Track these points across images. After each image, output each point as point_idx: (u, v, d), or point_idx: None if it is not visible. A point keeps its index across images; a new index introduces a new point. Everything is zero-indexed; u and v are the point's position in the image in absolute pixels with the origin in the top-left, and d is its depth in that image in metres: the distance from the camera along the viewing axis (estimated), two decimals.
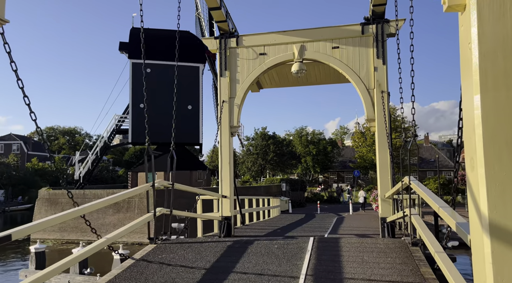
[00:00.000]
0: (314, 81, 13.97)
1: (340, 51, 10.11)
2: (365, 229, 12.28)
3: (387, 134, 9.52)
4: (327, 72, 13.01)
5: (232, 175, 10.57)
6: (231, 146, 10.56)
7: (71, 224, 25.05)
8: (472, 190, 2.51)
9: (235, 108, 10.52)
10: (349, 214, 23.79)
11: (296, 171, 64.65)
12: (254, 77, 10.53)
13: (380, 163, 9.65)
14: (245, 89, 10.53)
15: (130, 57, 33.11)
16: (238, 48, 10.63)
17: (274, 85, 14.48)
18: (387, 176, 9.59)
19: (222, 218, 10.15)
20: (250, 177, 55.64)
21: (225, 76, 10.59)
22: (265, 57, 10.49)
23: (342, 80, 13.70)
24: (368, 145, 48.45)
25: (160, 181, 6.95)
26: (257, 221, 16.69)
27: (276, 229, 12.57)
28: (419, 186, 5.38)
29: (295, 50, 10.25)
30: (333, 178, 70.05)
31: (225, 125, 10.48)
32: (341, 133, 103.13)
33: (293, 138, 65.23)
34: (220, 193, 10.32)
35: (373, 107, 9.81)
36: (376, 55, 9.81)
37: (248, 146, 57.45)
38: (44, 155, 78.02)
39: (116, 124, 33.93)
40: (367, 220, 17.38)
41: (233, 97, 10.57)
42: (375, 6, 9.52)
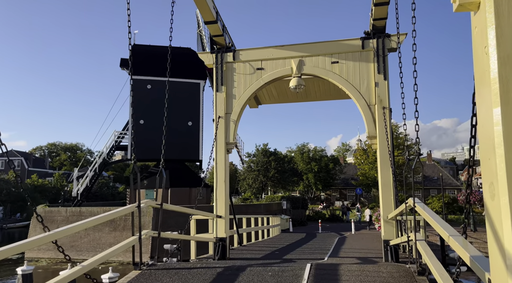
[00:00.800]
0: (314, 97, 13.64)
1: (340, 66, 9.80)
2: (368, 251, 11.73)
3: (390, 152, 9.10)
4: (327, 88, 12.70)
5: (228, 194, 10.13)
6: (227, 163, 10.15)
7: (66, 242, 24.43)
8: (493, 222, 2.08)
9: (232, 124, 10.16)
10: (351, 234, 23.13)
11: (297, 188, 63.91)
12: (251, 92, 10.20)
13: (383, 182, 9.20)
14: (241, 105, 10.19)
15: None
16: (235, 62, 10.34)
17: (273, 101, 14.16)
18: (389, 196, 9.13)
19: (216, 240, 9.65)
20: (251, 194, 54.95)
21: (221, 91, 10.27)
22: (262, 72, 10.18)
23: (342, 96, 13.36)
24: (370, 162, 47.86)
25: (147, 201, 6.52)
26: (255, 241, 16.12)
27: (274, 251, 12.02)
28: (425, 209, 4.93)
29: (293, 65, 9.94)
30: (335, 195, 69.21)
31: (221, 141, 10.10)
32: (343, 150, 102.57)
33: (295, 155, 64.74)
34: (215, 213, 9.86)
35: (374, 124, 9.43)
36: (377, 70, 9.49)
37: (249, 163, 56.96)
38: (45, 171, 77.70)
39: (116, 140, 33.62)
40: (370, 240, 16.78)
41: (229, 113, 10.22)
42: (376, 21, 9.25)
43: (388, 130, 9.19)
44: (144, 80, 33.11)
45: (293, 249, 12.65)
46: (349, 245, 14.47)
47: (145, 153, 33.14)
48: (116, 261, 21.51)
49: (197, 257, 10.00)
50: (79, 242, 24.23)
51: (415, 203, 5.21)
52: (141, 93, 32.88)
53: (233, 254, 10.82)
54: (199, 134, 34.17)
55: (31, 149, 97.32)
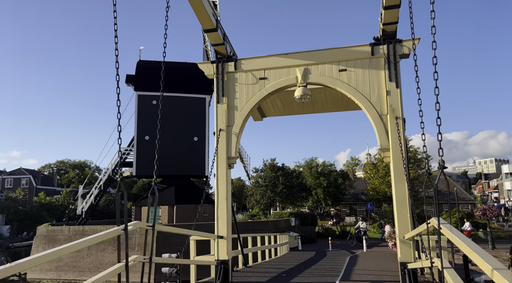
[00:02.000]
0: (321, 108, 13.01)
1: (348, 74, 9.19)
2: (382, 273, 10.86)
3: (404, 165, 8.38)
4: (334, 98, 12.07)
5: (230, 212, 9.44)
6: (228, 179, 9.49)
7: (68, 263, 23.79)
8: None
9: (233, 138, 9.54)
10: (363, 252, 22.09)
11: (306, 203, 62.75)
12: (254, 103, 9.61)
13: (397, 198, 8.45)
14: (244, 117, 9.59)
15: (136, 90, 32.86)
16: (237, 72, 9.80)
17: (278, 113, 13.55)
18: (405, 213, 8.36)
19: (217, 263, 8.92)
20: (259, 210, 53.94)
21: (222, 102, 9.70)
22: (265, 82, 9.61)
23: (351, 107, 12.74)
24: (380, 177, 46.71)
25: (136, 222, 5.87)
26: (262, 261, 15.29)
27: (282, 273, 11.22)
28: (453, 231, 4.20)
29: (298, 74, 9.36)
30: (345, 211, 67.78)
31: (222, 156, 9.48)
32: (352, 164, 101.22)
33: (303, 170, 63.75)
34: (216, 233, 9.15)
35: (386, 135, 8.74)
36: (389, 77, 8.85)
37: (256, 178, 56.15)
38: (53, 188, 77.62)
39: (121, 157, 33.20)
40: (383, 260, 15.82)
41: (231, 125, 9.62)
42: (386, 25, 8.66)
43: (402, 142, 8.49)
44: (149, 96, 32.85)
45: (301, 271, 11.82)
46: (362, 265, 13.57)
47: (150, 169, 32.63)
48: None
49: (197, 281, 9.25)
50: (81, 262, 23.54)
51: (440, 224, 4.48)
52: (146, 109, 32.59)
53: (237, 277, 10.06)
54: (205, 149, 33.63)
55: (40, 167, 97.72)
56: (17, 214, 55.50)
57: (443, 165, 4.51)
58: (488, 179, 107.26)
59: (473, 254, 3.10)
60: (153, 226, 6.17)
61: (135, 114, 32.67)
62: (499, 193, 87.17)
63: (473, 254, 3.10)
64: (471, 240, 3.83)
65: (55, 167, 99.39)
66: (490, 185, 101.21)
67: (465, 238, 3.72)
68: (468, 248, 3.26)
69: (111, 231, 5.39)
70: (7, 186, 71.86)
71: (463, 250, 3.42)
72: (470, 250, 3.15)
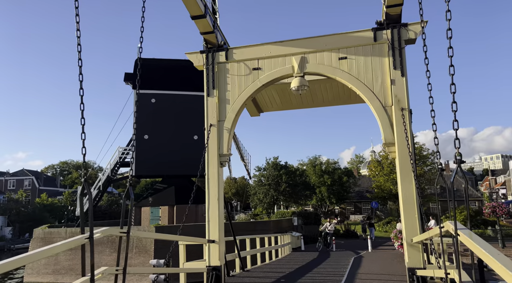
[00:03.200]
0: (321, 102, 12.26)
1: (349, 62, 8.43)
2: (388, 278, 10.10)
3: (411, 161, 7.62)
4: (335, 91, 11.32)
5: (222, 214, 8.72)
6: (220, 178, 8.77)
7: (65, 266, 23.21)
8: None
9: (225, 134, 8.82)
10: (368, 252, 21.32)
11: (310, 202, 61.96)
12: (247, 96, 8.88)
13: (404, 197, 7.70)
14: (236, 111, 8.87)
15: (135, 88, 32.22)
16: (228, 63, 9.07)
17: (275, 108, 12.82)
18: (413, 214, 7.60)
19: (208, 269, 8.21)
20: (263, 209, 53.21)
21: (212, 95, 8.97)
22: (259, 72, 8.87)
23: (353, 100, 11.99)
24: (385, 174, 45.89)
25: (105, 229, 5.16)
26: (261, 264, 14.57)
27: (280, 278, 10.49)
28: (474, 239, 3.45)
29: (295, 63, 8.62)
30: (349, 209, 66.94)
31: (213, 153, 8.76)
32: (356, 162, 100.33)
33: (307, 168, 62.96)
34: (207, 237, 8.44)
35: (391, 128, 7.98)
36: (393, 65, 8.09)
37: (259, 177, 55.42)
38: (55, 189, 77.34)
39: (120, 157, 32.61)
40: (389, 261, 15.05)
41: (222, 120, 8.89)
42: (390, 8, 7.90)
43: (409, 135, 7.73)
44: (148, 94, 32.15)
45: (302, 275, 11.09)
46: (366, 268, 12.81)
47: (150, 169, 31.97)
48: None
49: None
50: (79, 265, 22.88)
51: (457, 229, 3.73)
52: (145, 107, 31.92)
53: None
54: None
55: (43, 168, 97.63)
56: (19, 215, 55.15)
57: (460, 159, 3.76)
58: (495, 175, 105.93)
59: (498, 266, 2.37)
60: (128, 232, 5.46)
61: (134, 113, 32.04)
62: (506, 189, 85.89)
63: (498, 266, 2.37)
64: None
65: (58, 168, 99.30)
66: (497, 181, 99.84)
67: (491, 248, 2.98)
68: (499, 264, 2.52)
69: (72, 240, 4.69)
70: (10, 187, 71.66)
71: (491, 264, 2.68)
72: (495, 261, 2.43)
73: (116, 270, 5.25)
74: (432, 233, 5.42)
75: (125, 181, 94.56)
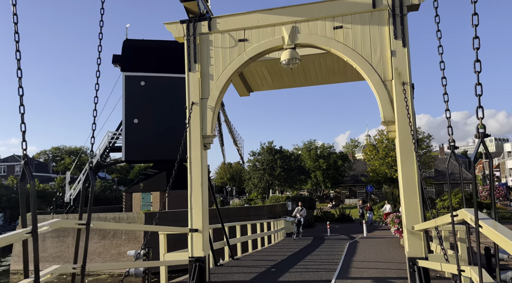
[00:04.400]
0: (315, 80, 11.43)
1: (345, 32, 7.60)
2: (385, 266, 9.50)
3: (414, 141, 6.89)
4: (330, 67, 10.49)
5: (206, 200, 8.00)
6: (204, 162, 8.01)
7: (53, 253, 22.58)
8: None
9: (209, 113, 8.02)
10: (363, 236, 20.87)
11: (305, 186, 61.69)
12: (233, 71, 8.04)
13: (405, 181, 7.00)
14: (220, 88, 8.04)
15: (123, 70, 31.08)
16: (211, 33, 8.19)
17: (266, 87, 11.98)
18: (415, 199, 6.91)
19: (191, 261, 7.52)
20: (258, 194, 52.78)
21: (194, 70, 8.12)
22: (246, 44, 8.02)
23: (350, 78, 11.20)
24: (380, 158, 45.46)
25: (55, 221, 4.36)
26: (253, 251, 13.98)
27: (271, 266, 9.86)
28: (501, 231, 2.72)
29: (285, 34, 7.77)
30: (344, 193, 66.89)
31: (195, 134, 7.97)
32: (351, 146, 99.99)
33: (302, 153, 62.47)
34: (189, 226, 7.72)
35: (391, 105, 7.22)
36: (394, 35, 7.27)
37: (254, 161, 54.83)
38: (47, 175, 76.38)
39: (110, 141, 31.68)
40: (385, 247, 14.51)
41: (205, 98, 8.07)
42: None
43: (411, 112, 6.98)
44: (137, 77, 31.08)
45: (294, 263, 10.47)
46: (362, 254, 12.24)
47: (140, 154, 31.13)
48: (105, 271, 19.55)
49: (169, 282, 7.88)
50: (67, 253, 22.35)
51: (478, 219, 3.01)
52: (134, 90, 30.88)
53: (217, 274, 8.69)
54: None
55: (35, 154, 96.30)
56: (10, 201, 54.38)
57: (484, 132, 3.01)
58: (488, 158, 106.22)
59: None
60: (87, 224, 4.70)
61: (123, 96, 31.00)
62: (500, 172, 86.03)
63: None
64: None
65: (51, 154, 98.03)
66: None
67: None
68: None
69: (12, 234, 3.92)
70: (1, 173, 70.65)
71: None
72: None
73: (73, 268, 4.50)
74: (440, 222, 4.73)
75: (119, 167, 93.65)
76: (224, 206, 40.35)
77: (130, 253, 7.84)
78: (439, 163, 64.66)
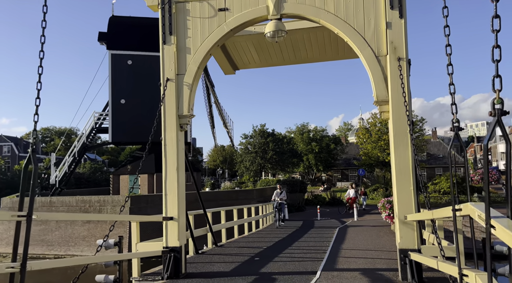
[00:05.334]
0: (305, 57, 10.69)
1: (336, 1, 6.85)
2: (375, 255, 9.02)
3: (409, 122, 6.27)
4: (320, 44, 9.74)
5: (182, 186, 7.35)
6: (180, 144, 7.33)
7: (35, 236, 21.96)
8: None
9: (185, 90, 7.29)
10: (354, 221, 20.53)
11: (298, 169, 61.43)
12: (212, 44, 7.28)
13: (398, 166, 6.40)
14: (198, 62, 7.29)
15: (109, 48, 29.92)
16: (189, 2, 7.39)
17: (253, 65, 11.23)
18: (408, 186, 6.34)
19: (165, 251, 6.92)
20: (250, 177, 52.38)
21: (170, 43, 7.35)
22: (226, 14, 7.24)
23: (342, 55, 10.49)
24: (373, 141, 45.11)
25: None
26: (239, 236, 13.47)
27: (254, 255, 9.34)
28: None
29: (269, 2, 7.00)
30: (336, 176, 66.81)
31: (171, 114, 7.26)
32: (345, 130, 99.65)
33: (294, 136, 62.00)
34: (164, 214, 7.09)
35: (385, 82, 6.56)
36: (390, 4, 6.55)
37: (246, 144, 54.21)
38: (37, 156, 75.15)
39: (96, 122, 30.76)
40: (376, 233, 14.10)
41: (182, 74, 7.33)
42: None
43: (406, 91, 6.33)
44: (124, 56, 29.96)
45: (280, 251, 9.97)
46: (351, 241, 11.77)
47: (128, 135, 30.29)
48: None
49: (142, 273, 7.30)
50: (50, 236, 21.75)
51: (490, 218, 2.39)
52: (121, 70, 29.82)
53: (196, 264, 8.13)
54: None
55: (24, 135, 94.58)
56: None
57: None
58: (480, 142, 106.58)
59: None
60: (29, 215, 4.05)
61: (109, 75, 29.95)
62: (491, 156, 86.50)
63: None
64: None
65: (40, 134, 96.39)
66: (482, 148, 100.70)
67: None
68: None
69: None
70: None
71: None
72: None
73: (11, 267, 3.85)
74: (439, 215, 4.14)
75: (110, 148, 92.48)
76: (214, 189, 39.91)
77: (99, 243, 7.22)
78: (431, 146, 64.71)
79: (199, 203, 10.20)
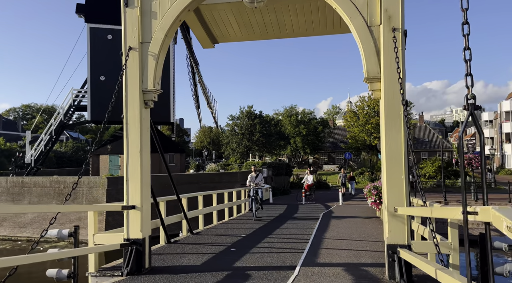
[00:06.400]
0: (291, 31, 9.76)
1: None
2: (360, 246, 8.40)
3: (403, 102, 5.51)
4: (308, 15, 8.81)
5: (147, 171, 6.53)
6: (144, 123, 6.46)
7: (7, 218, 20.98)
8: None
9: (150, 61, 6.37)
10: (339, 206, 20.06)
11: (284, 152, 60.96)
12: (182, 7, 6.33)
13: (389, 151, 5.67)
14: (166, 29, 6.35)
15: (87, 21, 28.31)
16: None
17: (234, 38, 10.26)
18: (399, 175, 5.63)
19: (125, 244, 6.13)
20: (236, 159, 51.65)
21: (133, 5, 6.38)
22: None
23: (330, 29, 9.58)
24: (360, 125, 44.70)
25: None
26: (218, 222, 12.78)
27: (230, 246, 8.64)
28: None
29: None
30: (323, 159, 66.70)
31: (133, 89, 6.36)
32: (333, 113, 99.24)
33: (282, 118, 61.22)
34: (126, 202, 6.27)
35: (377, 56, 5.75)
36: None
37: (232, 126, 53.26)
38: (16, 134, 73.12)
39: (74, 99, 29.39)
40: (361, 220, 13.57)
41: (146, 42, 6.40)
42: None
43: (401, 66, 5.53)
44: (103, 29, 28.41)
45: (259, 240, 9.30)
46: (335, 230, 11.17)
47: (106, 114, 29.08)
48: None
49: (100, 267, 6.52)
50: (23, 218, 20.76)
51: None
52: (100, 45, 28.30)
53: (165, 254, 7.39)
54: (169, 93, 30.06)
55: (4, 111, 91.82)
56: None
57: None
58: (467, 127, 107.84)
59: None
60: None
61: (88, 50, 28.46)
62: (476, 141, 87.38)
63: None
64: None
65: (21, 111, 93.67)
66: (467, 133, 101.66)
67: None
68: None
69: None
70: None
71: None
72: None
73: None
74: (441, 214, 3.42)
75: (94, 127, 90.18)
76: (199, 171, 39.10)
77: (52, 233, 6.37)
78: (417, 130, 64.96)
79: (179, 186, 9.42)
